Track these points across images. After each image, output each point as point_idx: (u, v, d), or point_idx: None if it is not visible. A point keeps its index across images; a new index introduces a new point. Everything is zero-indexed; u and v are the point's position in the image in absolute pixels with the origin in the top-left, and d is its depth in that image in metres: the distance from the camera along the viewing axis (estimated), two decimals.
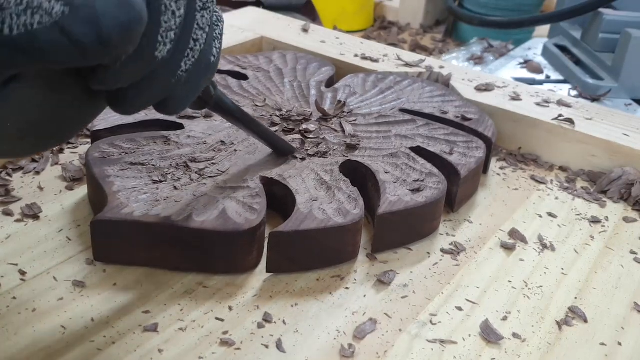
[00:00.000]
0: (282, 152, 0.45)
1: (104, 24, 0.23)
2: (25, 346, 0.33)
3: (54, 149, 0.50)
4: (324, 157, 0.46)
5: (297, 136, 0.48)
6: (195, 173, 0.42)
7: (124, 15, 0.23)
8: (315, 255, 0.39)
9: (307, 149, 0.47)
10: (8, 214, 0.42)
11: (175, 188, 0.40)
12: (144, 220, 0.37)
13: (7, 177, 0.46)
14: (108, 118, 0.48)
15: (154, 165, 0.42)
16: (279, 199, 0.43)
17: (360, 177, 0.45)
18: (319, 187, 0.42)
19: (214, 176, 0.42)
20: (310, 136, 0.48)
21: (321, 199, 0.41)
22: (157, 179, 0.41)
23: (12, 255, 0.39)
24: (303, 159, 0.45)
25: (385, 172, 0.44)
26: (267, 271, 0.39)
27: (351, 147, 0.47)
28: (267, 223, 0.41)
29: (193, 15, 0.29)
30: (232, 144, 0.46)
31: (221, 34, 0.33)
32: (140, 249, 0.38)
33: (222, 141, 0.46)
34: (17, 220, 0.42)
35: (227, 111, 0.40)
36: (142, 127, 0.47)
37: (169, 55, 0.28)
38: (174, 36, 0.27)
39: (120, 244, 0.38)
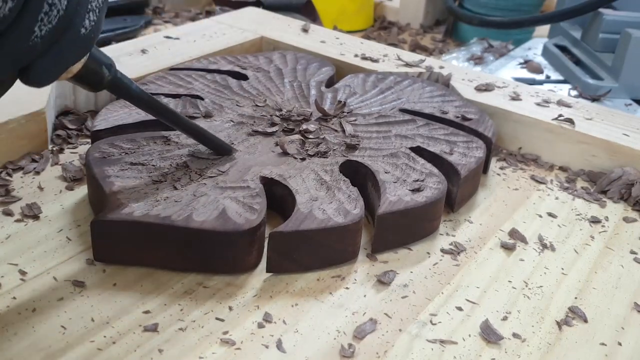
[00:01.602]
0: (218, 151, 0.44)
1: None
2: (25, 346, 0.33)
3: (54, 148, 0.50)
4: (324, 157, 0.46)
5: (297, 136, 0.48)
6: (195, 173, 0.42)
7: None
8: (315, 255, 0.39)
9: (307, 149, 0.47)
10: (8, 214, 0.42)
11: (175, 188, 0.40)
12: (144, 220, 0.37)
13: (7, 177, 0.46)
14: (108, 118, 0.48)
15: (154, 165, 0.42)
16: (279, 199, 0.43)
17: (360, 177, 0.45)
18: (319, 187, 0.42)
19: (214, 176, 0.42)
20: (310, 136, 0.48)
21: (321, 199, 0.41)
22: (157, 179, 0.41)
23: (12, 255, 0.39)
24: (303, 159, 0.46)
25: (385, 172, 0.44)
26: (267, 271, 0.39)
27: (351, 147, 0.47)
28: (267, 223, 0.41)
29: None
30: (232, 143, 0.46)
31: (99, 8, 0.32)
32: (140, 249, 0.38)
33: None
34: (17, 220, 0.42)
35: (131, 97, 0.39)
36: (142, 127, 0.47)
37: (12, 15, 0.26)
38: None
39: (120, 244, 0.38)
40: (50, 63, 0.30)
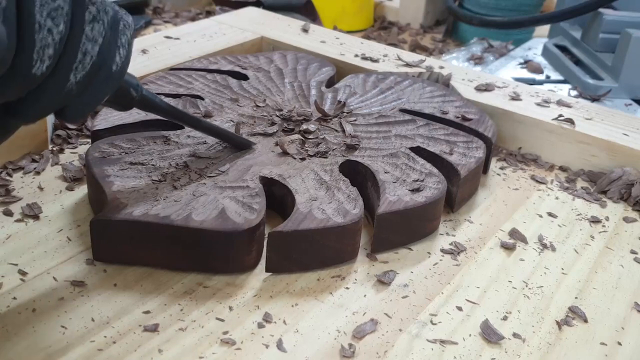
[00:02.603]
0: (240, 147, 0.46)
1: None
2: (25, 346, 0.33)
3: (54, 148, 0.50)
4: (324, 157, 0.46)
5: (297, 136, 0.48)
6: (195, 173, 0.42)
7: None
8: (314, 255, 0.39)
9: (307, 149, 0.47)
10: (8, 214, 0.42)
11: (175, 188, 0.40)
12: (144, 219, 0.37)
13: (7, 177, 0.46)
14: (108, 118, 0.48)
15: (153, 165, 0.42)
16: (279, 199, 0.43)
17: (360, 177, 0.45)
18: (319, 187, 0.42)
19: (214, 176, 0.42)
20: (310, 136, 0.48)
21: (320, 198, 0.41)
22: (157, 179, 0.41)
23: (12, 255, 0.39)
24: (303, 159, 0.46)
25: (385, 172, 0.44)
26: (267, 271, 0.39)
27: (351, 147, 0.47)
28: (267, 223, 0.41)
29: (81, 29, 0.29)
30: None
31: (129, 42, 0.33)
32: (139, 248, 0.38)
33: (219, 143, 0.46)
34: (17, 220, 0.42)
35: (159, 111, 0.41)
36: (142, 127, 0.47)
37: (49, 71, 0.28)
38: (54, 52, 0.28)
39: (119, 243, 0.38)
40: (83, 102, 0.32)
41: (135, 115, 0.48)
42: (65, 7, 0.28)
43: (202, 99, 0.52)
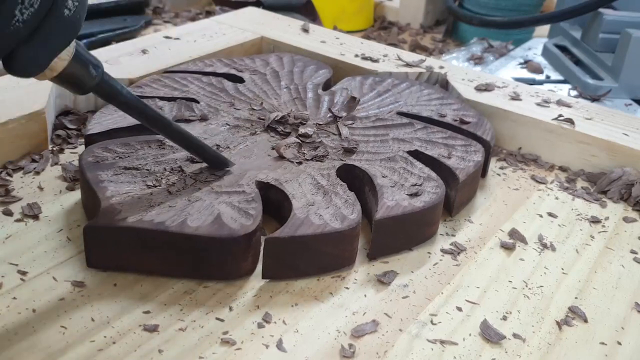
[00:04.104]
0: (213, 164, 0.42)
1: None
2: (25, 346, 0.33)
3: (54, 148, 0.50)
4: (321, 161, 0.46)
5: (294, 140, 0.48)
6: (190, 177, 0.42)
7: None
8: (311, 261, 0.39)
9: (304, 153, 0.46)
10: (8, 214, 0.42)
11: (170, 193, 0.40)
12: (138, 226, 0.36)
13: (7, 177, 0.46)
14: (102, 122, 0.47)
15: (148, 170, 0.42)
16: (275, 204, 0.42)
17: (357, 181, 0.45)
18: (316, 191, 0.42)
19: (209, 181, 0.42)
20: (307, 140, 0.48)
21: (318, 203, 0.41)
22: (151, 184, 0.41)
23: (12, 255, 0.39)
24: (300, 163, 0.45)
25: (383, 177, 0.44)
26: (263, 277, 0.38)
27: (348, 151, 0.47)
28: (263, 228, 0.40)
29: None
30: (228, 147, 0.46)
31: None
32: (134, 255, 0.37)
33: (217, 145, 0.46)
34: (17, 220, 0.42)
35: (120, 102, 0.37)
36: (137, 131, 0.46)
37: None
38: None
39: (113, 250, 0.37)
40: (36, 49, 0.29)
41: (130, 119, 0.48)
42: None
43: (198, 102, 0.52)
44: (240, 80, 0.57)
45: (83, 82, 0.34)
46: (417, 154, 0.48)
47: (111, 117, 0.48)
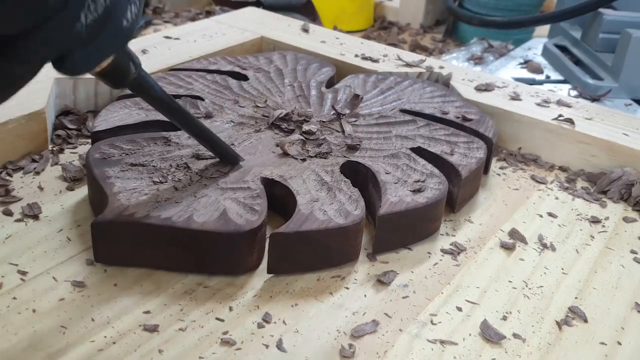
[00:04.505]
0: (226, 160, 0.43)
1: None
2: (25, 346, 0.33)
3: (54, 148, 0.50)
4: (325, 158, 0.46)
5: (298, 137, 0.48)
6: (196, 174, 0.42)
7: None
8: (316, 256, 0.39)
9: (308, 150, 0.47)
10: (8, 214, 0.42)
11: (176, 189, 0.40)
12: (145, 221, 0.37)
13: (7, 177, 0.46)
14: (109, 119, 0.48)
15: (154, 166, 0.42)
16: (280, 200, 0.43)
17: (361, 177, 0.45)
18: (320, 188, 0.42)
19: (215, 177, 0.42)
20: (311, 137, 0.48)
21: (322, 199, 0.41)
22: (158, 180, 0.41)
23: (12, 255, 0.39)
24: (304, 160, 0.45)
25: (386, 173, 0.44)
26: (268, 272, 0.39)
27: (352, 148, 0.47)
28: (268, 224, 0.40)
29: None
30: (232, 144, 0.46)
31: (140, 1, 0.31)
32: (141, 250, 0.38)
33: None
34: (17, 220, 0.42)
35: (152, 97, 0.38)
36: (143, 128, 0.47)
37: (62, 2, 0.26)
38: None
39: (121, 245, 0.38)
40: (89, 53, 0.29)
41: (136, 116, 0.48)
42: None
43: (202, 99, 0.52)
44: (245, 78, 0.57)
45: (122, 78, 0.34)
46: (420, 151, 0.48)
47: (117, 115, 0.48)
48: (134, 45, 0.63)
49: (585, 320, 0.38)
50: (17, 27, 0.25)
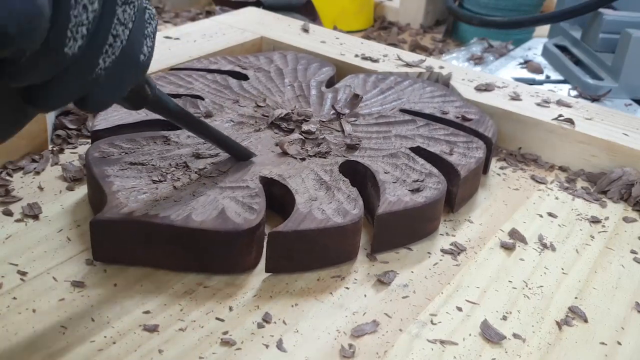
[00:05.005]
0: (240, 157, 0.44)
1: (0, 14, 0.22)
2: (25, 346, 0.33)
3: (54, 148, 0.50)
4: (324, 158, 0.46)
5: (297, 136, 0.48)
6: (195, 173, 0.42)
7: (23, 7, 0.22)
8: (314, 255, 0.39)
9: (307, 149, 0.47)
10: (8, 214, 0.42)
11: (175, 188, 0.40)
12: (143, 219, 0.37)
13: (7, 177, 0.46)
14: (108, 118, 0.48)
15: (153, 165, 0.42)
16: (279, 199, 0.43)
17: (360, 177, 0.45)
18: (319, 187, 0.42)
19: (214, 176, 0.42)
20: (310, 137, 0.48)
21: (320, 199, 0.41)
22: (157, 179, 0.41)
23: (12, 255, 0.39)
24: (303, 159, 0.45)
25: (385, 172, 0.44)
26: (267, 271, 0.39)
27: (351, 147, 0.47)
28: (267, 223, 0.41)
29: (112, 10, 0.28)
30: None
31: (154, 33, 0.32)
32: (139, 248, 0.38)
33: None
34: (17, 220, 0.42)
35: (169, 113, 0.39)
36: (142, 127, 0.47)
37: (81, 52, 0.27)
38: (87, 31, 0.26)
39: (119, 243, 0.38)
40: (108, 91, 0.30)
41: (135, 115, 0.48)
42: None
43: (203, 99, 0.52)
44: (245, 77, 0.58)
45: (140, 100, 0.35)
46: (419, 151, 0.48)
47: (117, 114, 0.48)
48: None
49: (585, 320, 0.38)
50: (39, 78, 0.26)
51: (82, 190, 0.45)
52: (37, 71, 0.26)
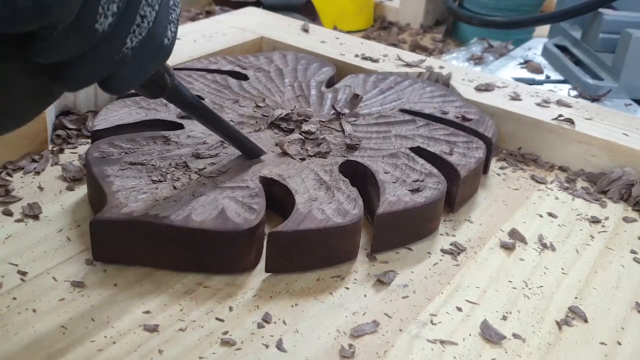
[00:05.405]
0: (250, 155, 0.45)
1: None
2: (25, 346, 0.33)
3: (54, 148, 0.50)
4: (324, 158, 0.46)
5: (297, 136, 0.48)
6: (195, 173, 0.42)
7: None
8: (314, 255, 0.39)
9: (308, 149, 0.47)
10: (8, 214, 0.42)
11: (175, 188, 0.40)
12: (143, 219, 0.37)
13: (7, 177, 0.46)
14: (108, 118, 0.48)
15: (153, 165, 0.42)
16: (279, 199, 0.43)
17: (359, 177, 0.45)
18: (319, 187, 0.42)
19: (214, 176, 0.42)
20: (310, 137, 0.48)
21: (320, 199, 0.41)
22: (157, 179, 0.41)
23: (12, 255, 0.39)
24: (303, 159, 0.46)
25: (385, 172, 0.44)
26: (266, 271, 0.39)
27: (351, 147, 0.47)
28: (267, 223, 0.41)
29: None
30: None
31: (177, 19, 0.32)
32: (139, 248, 0.38)
33: (222, 141, 0.46)
34: (17, 220, 0.42)
35: (185, 104, 0.39)
36: (142, 127, 0.47)
37: (110, 29, 0.27)
38: (117, 9, 0.27)
39: (119, 243, 0.38)
40: (133, 72, 0.30)
41: (136, 115, 0.48)
42: None
43: (202, 99, 0.52)
44: (245, 77, 0.58)
45: (160, 88, 0.35)
46: (419, 151, 0.48)
47: (117, 114, 0.48)
48: None
49: (585, 320, 0.38)
50: (69, 55, 0.26)
51: (82, 190, 0.45)
52: (67, 47, 0.26)
